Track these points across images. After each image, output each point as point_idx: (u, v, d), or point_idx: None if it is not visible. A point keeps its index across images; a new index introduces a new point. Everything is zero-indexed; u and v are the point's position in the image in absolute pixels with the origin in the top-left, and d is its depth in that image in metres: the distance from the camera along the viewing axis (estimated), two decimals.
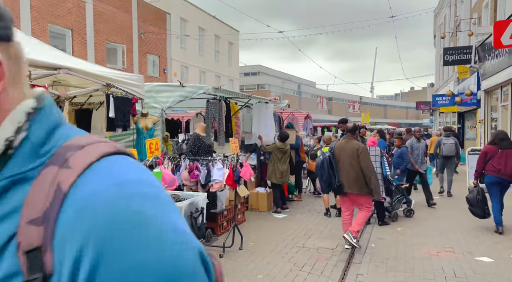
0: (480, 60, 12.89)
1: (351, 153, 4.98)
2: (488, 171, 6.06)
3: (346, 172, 4.97)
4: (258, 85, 46.78)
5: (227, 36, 34.29)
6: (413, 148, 8.33)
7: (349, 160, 4.97)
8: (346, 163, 4.98)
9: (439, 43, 28.30)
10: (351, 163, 4.94)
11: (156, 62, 24.93)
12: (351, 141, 5.17)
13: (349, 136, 5.26)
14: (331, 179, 4.98)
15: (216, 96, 7.51)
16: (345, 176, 4.97)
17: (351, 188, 4.97)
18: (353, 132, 5.32)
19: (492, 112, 12.72)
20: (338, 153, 5.11)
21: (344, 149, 5.08)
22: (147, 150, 3.94)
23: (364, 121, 26.87)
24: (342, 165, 5.00)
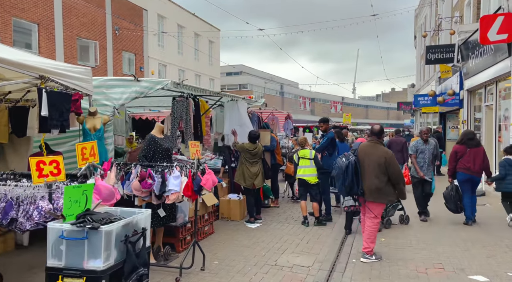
0: (463, 59, 12.56)
1: (377, 160, 4.66)
2: (459, 169, 6.58)
3: (369, 179, 4.67)
4: (240, 85, 46.10)
5: (208, 35, 33.46)
6: (419, 151, 7.01)
7: (374, 168, 4.65)
8: (371, 170, 4.67)
9: (419, 44, 28.25)
10: (376, 172, 4.64)
11: (132, 60, 23.93)
12: (377, 146, 4.82)
13: (374, 141, 4.89)
14: (353, 184, 4.67)
15: (183, 94, 6.79)
16: (367, 183, 4.68)
17: (372, 195, 4.71)
18: (379, 136, 4.96)
19: (476, 113, 12.39)
20: (361, 157, 4.76)
21: (369, 155, 4.74)
22: (78, 156, 3.22)
23: (345, 121, 26.54)
24: (365, 171, 4.70)
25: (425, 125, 25.17)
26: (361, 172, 4.70)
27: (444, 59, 12.95)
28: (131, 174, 4.23)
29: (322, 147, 6.97)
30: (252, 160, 6.59)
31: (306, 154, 6.65)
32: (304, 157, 6.66)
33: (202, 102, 7.37)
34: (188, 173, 4.19)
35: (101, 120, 4.81)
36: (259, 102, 8.63)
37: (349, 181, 4.66)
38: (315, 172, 6.66)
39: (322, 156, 7.02)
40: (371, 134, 5.06)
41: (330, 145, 6.97)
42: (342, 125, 24.73)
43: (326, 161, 6.97)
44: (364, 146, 4.94)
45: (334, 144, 7.06)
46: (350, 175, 4.64)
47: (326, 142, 6.99)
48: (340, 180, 4.77)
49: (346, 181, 4.68)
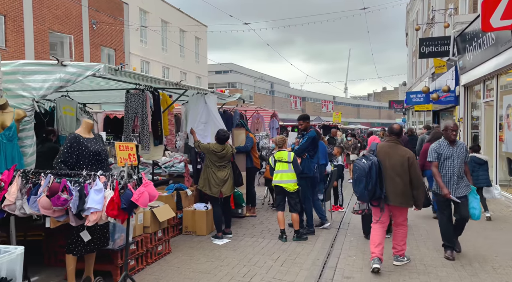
0: (459, 52, 11.69)
1: (400, 161, 4.40)
2: (427, 166, 6.22)
3: (392, 181, 4.38)
4: (228, 83, 44.97)
5: (194, 31, 32.34)
6: (443, 157, 4.82)
7: (397, 169, 4.39)
8: (393, 172, 4.39)
9: (411, 40, 27.50)
10: (399, 173, 4.38)
11: (112, 56, 22.72)
12: (397, 146, 4.55)
13: (394, 140, 4.61)
14: (377, 187, 4.34)
15: (139, 86, 5.75)
16: (390, 186, 4.38)
17: (398, 199, 4.38)
18: (399, 136, 4.71)
19: (473, 110, 11.53)
20: (382, 158, 4.46)
21: (391, 156, 4.46)
22: None
23: (335, 120, 25.66)
24: (387, 173, 4.40)
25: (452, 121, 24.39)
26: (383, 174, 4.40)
27: (439, 52, 12.07)
28: (40, 186, 3.17)
29: (302, 149, 5.98)
30: (220, 163, 5.56)
31: (284, 156, 5.66)
32: (281, 160, 5.66)
33: (165, 96, 6.33)
34: (115, 184, 3.15)
35: (13, 116, 3.74)
36: (234, 97, 7.60)
37: (372, 183, 4.30)
38: (294, 177, 5.67)
39: (302, 158, 6.04)
40: (390, 134, 4.70)
41: (311, 146, 5.99)
42: (332, 125, 23.87)
43: (306, 165, 5.99)
44: (383, 146, 4.60)
45: (315, 145, 6.07)
46: (374, 177, 4.30)
47: (306, 142, 6.00)
48: (363, 183, 4.34)
49: (369, 184, 4.30)
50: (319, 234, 6.06)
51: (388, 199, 4.37)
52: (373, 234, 4.48)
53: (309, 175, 6.02)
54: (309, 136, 6.04)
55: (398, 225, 4.59)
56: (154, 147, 5.98)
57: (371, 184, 4.29)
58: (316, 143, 6.12)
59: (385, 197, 4.36)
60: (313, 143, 6.05)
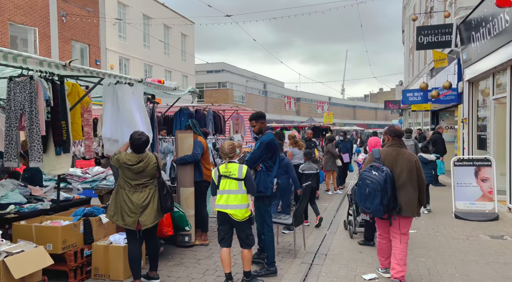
0: (463, 42, 10.12)
1: (409, 166, 4.06)
2: None
3: (404, 190, 4.02)
4: (219, 83, 43.36)
5: (180, 27, 30.69)
6: None
7: (408, 175, 4.03)
8: (404, 180, 4.03)
9: (408, 37, 25.99)
10: (410, 180, 4.03)
11: (85, 51, 21.03)
12: (403, 150, 4.20)
13: (398, 143, 4.25)
14: (391, 200, 3.93)
15: (25, 71, 4.11)
16: (403, 196, 4.01)
17: (409, 209, 4.02)
18: (401, 137, 4.32)
19: (479, 109, 9.96)
20: (390, 166, 4.06)
21: (398, 161, 4.10)
22: None
23: (327, 121, 24.04)
24: (398, 182, 4.03)
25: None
26: None
27: (439, 42, 10.50)
28: None
29: (254, 158, 4.37)
30: (136, 181, 3.90)
31: (232, 171, 4.02)
32: (227, 175, 4.03)
33: (75, 87, 4.68)
34: None
35: None
36: (182, 91, 5.91)
37: (388, 197, 3.91)
38: (246, 200, 4.04)
39: (256, 171, 4.42)
40: (394, 137, 4.23)
41: (266, 154, 4.38)
42: (323, 126, 22.25)
43: (262, 180, 4.38)
44: (389, 151, 4.16)
45: (273, 153, 4.46)
46: (389, 190, 3.92)
47: (258, 149, 4.39)
48: (378, 198, 3.92)
49: (385, 199, 3.90)
50: (287, 268, 4.45)
51: (401, 210, 3.98)
52: (381, 247, 4.30)
53: (266, 193, 4.40)
54: (262, 142, 4.42)
55: (399, 236, 4.07)
56: (56, 156, 4.34)
57: (387, 197, 3.87)
58: (273, 149, 4.50)
59: (399, 208, 3.98)
60: (269, 150, 4.43)
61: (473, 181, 7.38)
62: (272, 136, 4.57)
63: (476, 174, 7.38)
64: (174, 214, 4.71)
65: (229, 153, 4.03)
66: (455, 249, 5.44)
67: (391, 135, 4.24)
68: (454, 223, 7.00)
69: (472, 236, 6.11)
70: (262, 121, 4.65)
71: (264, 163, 4.47)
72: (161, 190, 4.01)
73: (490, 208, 7.23)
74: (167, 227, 4.50)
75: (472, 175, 7.39)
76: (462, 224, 6.87)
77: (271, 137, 4.53)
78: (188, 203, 5.48)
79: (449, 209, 7.73)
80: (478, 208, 7.30)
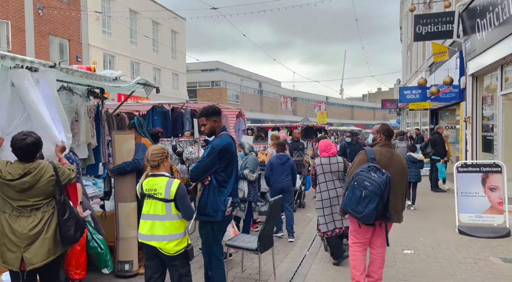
0: (466, 33, 9.06)
1: (401, 171, 3.75)
2: None
3: (395, 196, 3.68)
4: (212, 82, 42.25)
5: (170, 24, 29.57)
6: None
7: (396, 178, 3.66)
8: (396, 183, 3.67)
9: (406, 33, 24.96)
10: (401, 184, 3.75)
11: (65, 47, 19.90)
12: (394, 152, 3.85)
13: (389, 143, 3.85)
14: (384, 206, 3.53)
15: None
16: (397, 200, 3.72)
17: (396, 216, 3.73)
18: (391, 138, 3.89)
19: (484, 106, 8.89)
20: (383, 166, 3.62)
21: (392, 163, 3.71)
22: None
23: (320, 121, 22.95)
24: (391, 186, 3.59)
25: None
26: None
27: (440, 33, 9.42)
28: None
29: (201, 169, 3.29)
30: (20, 201, 2.80)
31: (158, 188, 2.94)
32: (152, 194, 2.94)
33: None
34: None
35: None
36: (125, 83, 4.78)
37: (383, 203, 3.50)
38: (178, 228, 2.96)
39: (202, 185, 3.34)
40: (388, 136, 3.84)
41: (220, 163, 3.31)
42: (317, 126, 21.16)
43: (211, 199, 3.30)
44: (383, 152, 3.75)
45: (229, 162, 3.39)
46: (386, 195, 3.50)
47: (208, 157, 3.30)
48: (375, 202, 3.45)
49: (381, 204, 3.48)
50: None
51: (391, 216, 3.67)
52: (356, 257, 3.84)
53: (215, 218, 3.30)
54: (213, 147, 3.33)
55: (381, 244, 3.84)
56: None
57: (382, 203, 3.53)
58: (229, 158, 3.41)
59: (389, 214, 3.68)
60: (223, 158, 3.34)
61: (479, 190, 6.31)
62: (229, 140, 3.48)
63: (483, 181, 6.31)
64: (90, 250, 3.59)
65: (152, 161, 2.93)
66: (462, 279, 4.37)
67: (385, 134, 3.85)
68: (458, 240, 5.93)
69: (481, 259, 5.04)
70: (215, 119, 3.54)
71: (215, 176, 3.38)
72: (60, 213, 2.90)
73: (500, 222, 6.16)
74: (75, 268, 3.38)
75: (478, 182, 6.32)
76: (468, 242, 5.80)
77: (227, 142, 3.44)
78: (129, 222, 4.39)
79: (451, 221, 6.66)
80: (486, 221, 6.23)
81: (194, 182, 3.53)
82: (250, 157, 6.09)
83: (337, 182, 4.95)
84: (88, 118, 5.20)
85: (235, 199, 3.52)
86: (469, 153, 9.10)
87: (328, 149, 5.01)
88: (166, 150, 3.02)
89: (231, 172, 3.44)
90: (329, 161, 4.97)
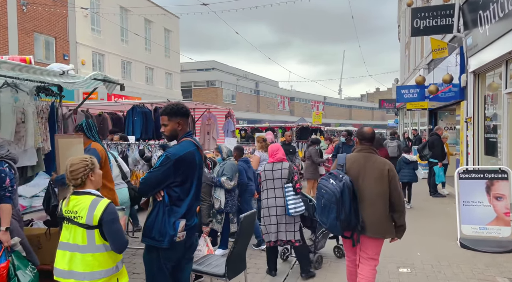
0: (467, 27, 8.43)
1: (379, 177, 3.30)
2: None
3: (370, 205, 3.29)
4: (207, 81, 41.58)
5: (163, 22, 28.90)
6: None
7: (376, 188, 3.29)
8: (371, 192, 3.30)
9: (403, 31, 24.36)
10: (379, 193, 3.29)
11: (51, 45, 19.23)
12: (373, 156, 3.43)
13: (368, 149, 3.45)
14: (351, 216, 3.23)
15: None
16: (368, 211, 3.29)
17: (374, 229, 3.29)
18: (372, 142, 3.50)
19: (487, 106, 8.26)
20: (355, 175, 3.34)
21: (367, 169, 3.35)
22: None
23: (315, 121, 22.32)
24: (364, 194, 3.31)
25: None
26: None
27: (439, 27, 8.79)
28: None
29: (151, 181, 2.68)
30: None
31: (80, 211, 2.29)
32: (71, 218, 2.29)
33: None
34: None
35: None
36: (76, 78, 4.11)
37: (346, 212, 3.20)
38: (109, 263, 2.31)
39: (154, 201, 2.71)
40: (362, 140, 3.50)
41: (175, 176, 2.71)
42: (313, 127, 20.51)
43: (159, 220, 2.68)
44: (355, 158, 3.44)
45: (188, 176, 2.78)
46: (347, 203, 3.20)
47: (161, 168, 2.67)
48: (333, 212, 3.22)
49: (342, 213, 3.20)
50: None
51: (365, 228, 3.28)
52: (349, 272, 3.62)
53: (161, 244, 2.66)
54: (167, 156, 2.69)
55: (366, 260, 3.38)
56: None
57: (344, 212, 3.18)
58: (188, 170, 2.76)
59: (362, 226, 3.28)
60: (178, 170, 2.70)
61: (484, 199, 5.68)
62: (191, 149, 2.81)
63: (487, 189, 5.68)
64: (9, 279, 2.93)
65: (74, 180, 2.29)
66: None
67: (359, 138, 3.57)
68: (460, 255, 5.30)
69: (488, 280, 4.41)
70: (180, 121, 2.86)
71: (168, 191, 2.73)
72: None
73: (507, 234, 5.54)
74: None
75: (482, 190, 5.69)
76: (471, 257, 5.17)
77: (188, 151, 2.78)
78: None
79: (452, 232, 6.04)
80: (491, 234, 5.60)
81: (144, 196, 2.90)
82: (228, 163, 5.46)
83: (278, 191, 4.46)
84: (39, 119, 4.55)
85: (192, 222, 2.86)
86: (470, 156, 8.47)
87: (274, 154, 4.59)
88: (90, 160, 2.37)
89: (189, 188, 2.78)
90: (272, 167, 4.53)
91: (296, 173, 4.63)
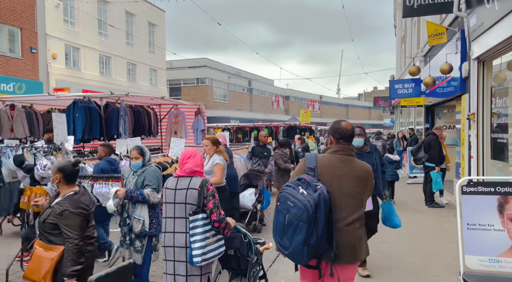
0: (469, 5, 6.97)
1: (358, 187, 2.55)
2: None
3: (349, 224, 2.50)
4: (197, 79, 40.04)
5: (147, 15, 27.39)
6: None
7: (352, 201, 2.53)
8: (347, 205, 2.51)
9: (399, 23, 22.96)
10: (357, 205, 2.54)
11: (16, 36, 17.69)
12: (352, 159, 2.63)
13: (344, 148, 2.63)
14: (322, 239, 2.38)
15: None
16: (347, 234, 2.49)
17: (348, 254, 2.50)
18: (351, 141, 2.71)
19: (494, 99, 6.80)
20: (327, 181, 2.49)
21: (343, 177, 2.54)
22: None
23: (304, 120, 20.82)
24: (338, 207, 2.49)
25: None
26: None
27: (436, 5, 7.31)
28: None
29: None
30: None
31: None
32: None
33: None
34: None
35: None
36: None
37: (318, 235, 2.35)
38: None
39: None
40: (338, 139, 2.65)
41: None
42: (302, 126, 19.06)
43: None
44: (329, 159, 2.60)
45: None
46: (322, 222, 2.35)
47: None
48: (302, 233, 2.34)
49: (313, 236, 2.34)
50: None
51: (339, 255, 2.45)
52: None
53: None
54: None
55: None
56: None
57: (316, 234, 2.33)
58: None
59: (335, 254, 2.45)
60: None
61: (495, 221, 4.21)
62: None
63: (500, 208, 4.21)
64: None
65: None
66: None
67: (335, 137, 2.65)
68: None
69: None
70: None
71: None
72: None
73: None
74: None
75: (493, 210, 4.21)
76: None
77: None
78: None
79: (453, 261, 4.59)
80: (505, 268, 4.13)
81: None
82: (149, 169, 4.03)
83: (179, 223, 2.91)
84: None
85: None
86: (474, 160, 7.02)
87: (183, 163, 3.01)
88: None
89: None
90: (175, 185, 2.98)
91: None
